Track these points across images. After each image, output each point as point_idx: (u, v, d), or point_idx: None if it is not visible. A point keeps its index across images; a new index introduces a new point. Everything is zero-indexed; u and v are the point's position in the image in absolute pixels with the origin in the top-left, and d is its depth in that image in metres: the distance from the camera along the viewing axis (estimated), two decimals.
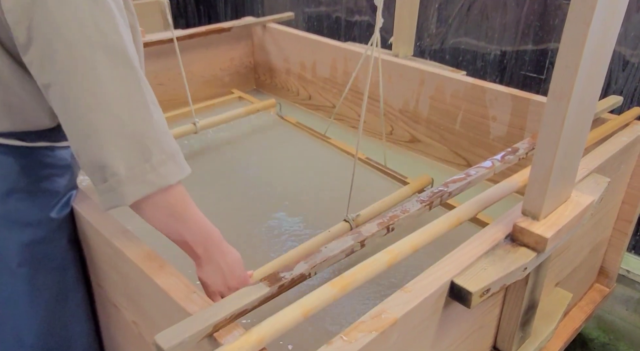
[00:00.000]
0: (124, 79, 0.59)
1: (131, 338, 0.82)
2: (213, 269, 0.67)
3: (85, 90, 0.57)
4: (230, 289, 0.68)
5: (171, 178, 0.62)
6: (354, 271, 0.63)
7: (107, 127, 0.58)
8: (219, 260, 0.66)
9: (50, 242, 0.79)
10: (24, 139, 0.73)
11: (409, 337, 0.61)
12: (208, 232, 0.66)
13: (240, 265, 0.69)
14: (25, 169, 0.75)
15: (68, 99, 0.58)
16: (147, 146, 0.60)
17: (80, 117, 0.58)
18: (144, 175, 0.60)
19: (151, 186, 0.60)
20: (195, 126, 1.34)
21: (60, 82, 0.58)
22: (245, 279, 0.70)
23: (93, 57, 0.57)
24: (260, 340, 0.53)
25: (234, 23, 1.69)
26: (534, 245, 0.68)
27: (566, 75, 0.60)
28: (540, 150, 0.66)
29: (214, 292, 0.68)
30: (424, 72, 1.32)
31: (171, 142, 0.63)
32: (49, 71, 0.58)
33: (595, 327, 1.46)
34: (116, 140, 0.58)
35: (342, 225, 0.99)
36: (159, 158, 0.61)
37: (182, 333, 0.53)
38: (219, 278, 0.67)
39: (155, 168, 0.60)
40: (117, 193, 0.60)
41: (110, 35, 0.58)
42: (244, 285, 0.66)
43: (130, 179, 0.59)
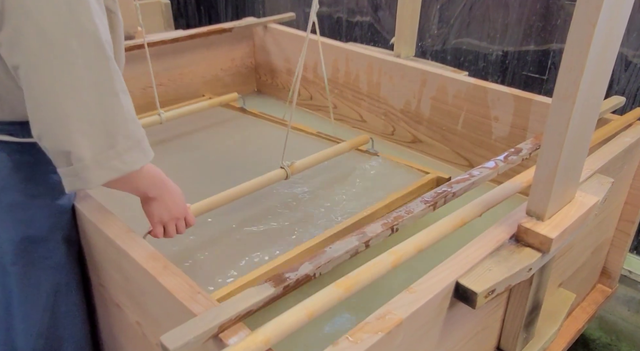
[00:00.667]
0: (95, 66, 0.60)
1: (134, 338, 0.82)
2: (161, 205, 0.74)
3: (55, 75, 0.58)
4: (173, 218, 0.77)
5: (135, 164, 0.64)
6: (359, 272, 0.63)
7: (74, 113, 0.59)
8: (166, 198, 0.74)
9: (45, 240, 0.79)
10: (15, 134, 0.73)
11: (414, 338, 0.61)
12: (159, 180, 0.73)
13: (182, 199, 0.78)
14: (18, 165, 0.74)
15: (36, 83, 0.58)
16: (113, 133, 0.61)
17: (48, 101, 0.58)
18: (108, 161, 0.61)
19: (116, 172, 0.63)
20: (160, 117, 1.37)
21: (29, 64, 0.58)
22: (185, 208, 0.79)
23: (65, 42, 0.57)
24: (266, 340, 0.53)
25: (235, 23, 1.69)
26: (538, 246, 0.68)
27: (571, 75, 0.60)
28: (545, 150, 0.66)
29: (157, 222, 0.76)
30: (426, 73, 1.32)
31: (138, 129, 0.65)
32: (17, 53, 0.58)
33: (597, 328, 1.46)
34: (83, 126, 0.59)
35: (277, 171, 1.06)
36: (125, 145, 0.62)
37: (188, 334, 0.53)
38: (165, 211, 0.75)
39: (120, 155, 0.62)
40: (80, 178, 0.61)
41: (84, 23, 0.58)
42: (185, 214, 0.78)
43: (95, 165, 0.61)
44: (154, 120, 1.35)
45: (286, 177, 1.08)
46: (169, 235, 0.79)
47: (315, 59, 1.60)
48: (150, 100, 1.39)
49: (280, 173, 1.06)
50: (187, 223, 0.81)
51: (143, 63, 1.25)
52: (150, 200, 0.74)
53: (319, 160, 1.15)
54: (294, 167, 1.08)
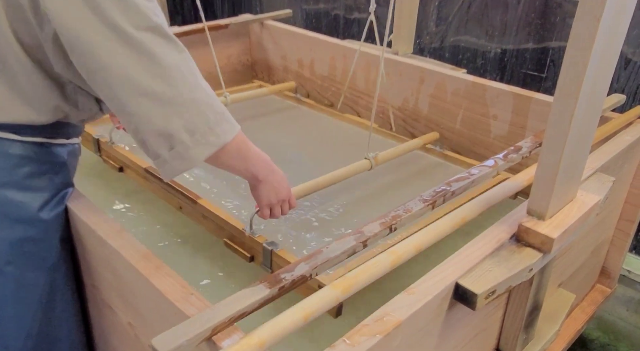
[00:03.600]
0: (171, 53, 0.63)
1: (127, 340, 0.81)
2: (268, 188, 0.78)
3: (141, 69, 0.61)
4: (279, 200, 0.80)
5: (228, 136, 0.67)
6: (357, 273, 0.61)
7: (168, 99, 0.62)
8: (272, 180, 0.77)
9: (41, 241, 0.78)
10: (19, 133, 0.73)
11: (413, 340, 0.60)
12: (264, 160, 0.76)
13: (286, 181, 0.81)
14: (19, 164, 0.74)
15: (122, 80, 0.61)
16: (203, 111, 0.64)
17: (143, 94, 0.61)
18: (205, 138, 0.64)
19: (213, 146, 0.65)
20: (226, 99, 1.41)
21: (108, 65, 0.60)
22: (289, 190, 0.82)
23: (141, 35, 0.60)
24: (261, 343, 0.52)
25: (231, 20, 1.67)
26: (539, 246, 0.67)
27: (574, 72, 0.59)
28: (547, 148, 0.65)
29: (265, 204, 0.80)
30: (424, 70, 1.31)
31: (219, 103, 0.68)
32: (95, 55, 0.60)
33: (595, 328, 1.45)
34: (178, 110, 0.63)
35: (362, 162, 1.11)
36: (214, 119, 0.65)
37: (180, 337, 0.52)
38: (272, 193, 0.78)
39: (213, 129, 0.65)
40: (185, 158, 0.64)
41: (151, 16, 0.62)
42: (289, 195, 0.82)
43: (195, 143, 0.64)
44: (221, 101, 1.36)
45: (370, 168, 1.12)
46: (274, 216, 0.82)
47: (312, 56, 1.59)
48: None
49: (365, 164, 1.11)
50: (290, 205, 0.84)
51: None
52: (259, 183, 0.76)
53: (397, 153, 1.20)
54: (378, 158, 1.13)
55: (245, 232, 0.88)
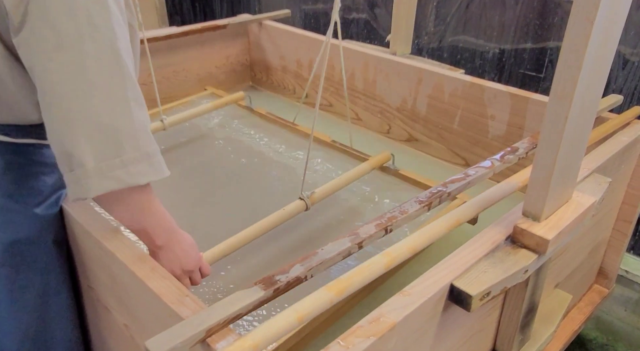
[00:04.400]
0: (108, 72, 0.59)
1: (122, 341, 0.81)
2: (171, 256, 0.70)
3: (66, 78, 0.57)
4: (185, 272, 0.72)
5: (141, 178, 0.61)
6: (351, 275, 0.61)
7: (81, 117, 0.58)
8: (175, 248, 0.70)
9: (35, 242, 0.77)
10: (10, 134, 0.72)
11: (408, 342, 0.60)
12: (168, 224, 0.69)
13: (194, 249, 0.73)
14: (10, 166, 0.73)
15: (48, 84, 0.58)
16: (120, 142, 0.59)
17: (56, 102, 0.58)
18: (112, 171, 0.59)
19: (118, 182, 0.60)
20: (163, 123, 1.31)
21: (43, 66, 0.58)
22: (198, 260, 0.75)
23: (80, 46, 0.57)
24: (255, 345, 0.52)
25: (229, 20, 1.67)
26: (534, 247, 0.67)
27: (569, 73, 0.59)
28: (542, 149, 0.65)
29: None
30: (422, 71, 1.31)
31: (149, 142, 0.62)
32: (33, 54, 0.59)
33: (593, 328, 1.45)
34: (88, 131, 0.58)
35: (297, 202, 0.99)
36: (132, 155, 0.60)
37: (174, 339, 0.52)
38: (176, 263, 0.71)
39: (125, 165, 0.60)
40: (81, 185, 0.59)
41: (102, 29, 0.58)
42: (198, 265, 0.74)
43: (96, 172, 0.59)
44: (156, 127, 1.29)
45: (306, 209, 1.00)
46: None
47: (310, 56, 1.59)
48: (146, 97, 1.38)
49: (300, 205, 0.99)
50: (203, 273, 0.77)
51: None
52: (158, 249, 0.69)
53: (339, 185, 1.08)
54: (314, 197, 1.01)
55: None
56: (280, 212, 0.97)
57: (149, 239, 0.68)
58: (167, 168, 0.65)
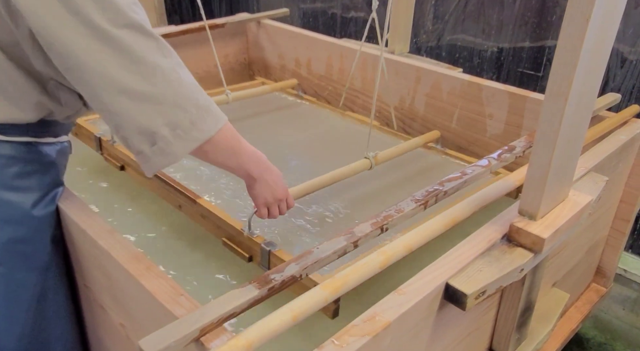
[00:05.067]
0: (150, 49, 0.62)
1: (119, 340, 0.81)
2: (264, 186, 0.77)
3: (119, 66, 0.60)
4: (276, 200, 0.80)
5: (211, 130, 0.66)
6: (346, 273, 0.61)
7: (148, 97, 0.61)
8: (267, 178, 0.77)
9: (32, 241, 0.77)
10: (6, 133, 0.72)
11: (403, 340, 0.59)
12: (258, 157, 0.75)
13: (282, 180, 0.80)
14: (7, 164, 0.73)
15: (99, 77, 0.60)
16: (185, 107, 0.63)
17: (121, 91, 0.60)
18: (187, 133, 0.64)
19: (196, 141, 0.65)
20: (228, 97, 1.40)
21: (86, 63, 0.59)
22: (286, 190, 0.81)
23: (118, 35, 0.59)
24: (248, 344, 0.52)
25: (228, 19, 1.67)
26: (530, 246, 0.67)
27: (564, 71, 0.58)
28: (538, 148, 0.65)
29: (262, 204, 0.79)
30: (420, 69, 1.31)
31: (203, 96, 0.67)
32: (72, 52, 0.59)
33: (591, 327, 1.45)
34: (158, 106, 0.62)
35: (362, 161, 1.09)
36: (197, 114, 0.64)
37: (168, 338, 0.52)
38: (269, 192, 0.78)
39: (195, 125, 0.64)
40: (167, 153, 0.64)
41: (129, 13, 0.61)
42: (287, 194, 0.81)
43: (177, 139, 0.63)
44: (222, 99, 1.37)
45: (370, 167, 1.11)
46: (272, 216, 0.82)
47: (308, 55, 1.59)
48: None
49: (365, 163, 1.10)
50: (288, 204, 0.83)
51: None
52: (254, 181, 0.76)
53: (398, 152, 1.19)
54: (378, 158, 1.11)
55: (243, 231, 0.88)
56: (348, 166, 1.07)
57: (246, 173, 0.74)
58: (222, 113, 0.69)
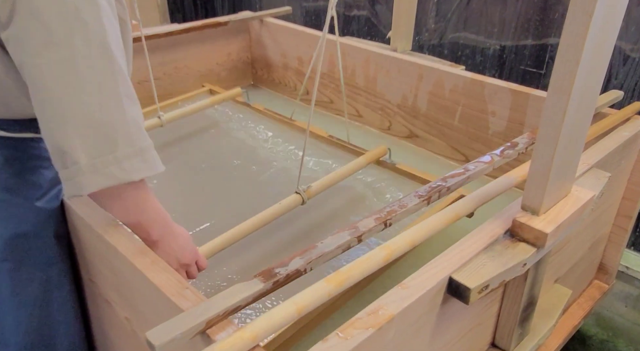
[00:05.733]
0: (99, 68, 0.58)
1: (124, 334, 0.81)
2: (167, 250, 0.70)
3: (56, 75, 0.57)
4: (182, 265, 0.73)
5: (135, 174, 0.61)
6: (350, 267, 0.61)
7: (72, 114, 0.57)
8: (171, 242, 0.71)
9: (36, 236, 0.78)
10: (8, 129, 0.72)
11: (406, 334, 0.60)
12: (163, 219, 0.69)
13: (189, 243, 0.74)
14: (9, 160, 0.74)
15: (39, 81, 0.57)
16: (113, 138, 0.59)
17: (47, 99, 0.58)
18: (105, 167, 0.59)
19: (112, 179, 0.59)
20: (161, 119, 1.30)
21: (33, 62, 0.57)
22: (195, 252, 0.75)
23: (69, 42, 0.57)
24: (254, 337, 0.52)
25: (230, 17, 1.68)
26: (533, 241, 0.67)
27: (567, 68, 0.59)
28: (540, 144, 0.65)
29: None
30: (423, 67, 1.31)
31: (142, 137, 0.62)
32: (22, 51, 0.58)
33: (593, 324, 1.45)
34: (80, 128, 0.58)
35: (293, 197, 1.00)
36: (125, 151, 0.60)
37: (174, 330, 0.52)
38: (172, 257, 0.71)
39: (119, 162, 0.59)
40: (75, 182, 0.59)
41: (91, 24, 0.58)
42: (195, 259, 0.75)
43: (90, 169, 0.58)
44: (154, 123, 1.29)
45: (302, 203, 1.01)
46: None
47: (311, 53, 1.59)
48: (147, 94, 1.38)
49: (296, 199, 1.00)
50: (199, 267, 0.77)
51: (136, 57, 1.23)
52: (154, 244, 0.70)
53: (335, 180, 1.08)
54: (310, 191, 1.02)
55: None
56: (276, 206, 0.97)
57: (145, 233, 0.68)
58: (161, 164, 0.65)
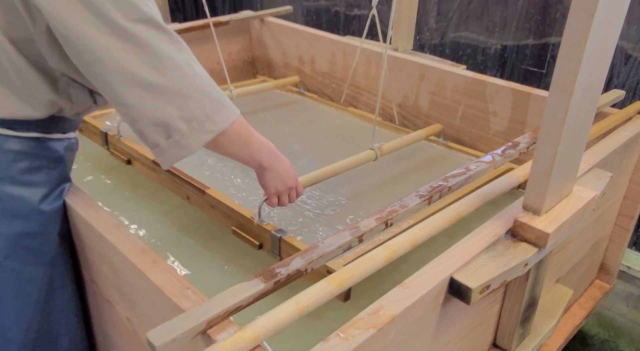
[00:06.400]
0: (164, 43, 0.64)
1: (125, 334, 0.81)
2: (274, 175, 0.79)
3: (134, 63, 0.61)
4: (286, 188, 0.81)
5: (225, 123, 0.68)
6: (352, 267, 0.61)
7: (163, 90, 0.63)
8: (278, 168, 0.78)
9: (40, 235, 0.78)
10: (15, 129, 0.73)
11: (408, 334, 0.60)
12: (269, 147, 0.77)
13: (292, 169, 0.82)
14: (16, 160, 0.74)
15: (117, 72, 0.61)
16: (199, 99, 0.65)
17: (137, 85, 0.62)
18: (202, 126, 0.66)
19: (211, 133, 0.67)
20: (231, 93, 1.41)
21: (103, 58, 0.61)
22: (296, 178, 0.83)
23: (134, 30, 0.61)
24: (255, 337, 0.52)
25: (231, 17, 1.67)
26: (535, 241, 0.67)
27: (569, 67, 0.59)
28: (542, 144, 0.65)
29: (273, 193, 0.81)
30: (424, 66, 1.31)
31: (217, 89, 0.68)
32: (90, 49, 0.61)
33: (595, 324, 1.45)
34: (174, 100, 0.64)
35: (368, 152, 1.10)
36: (211, 107, 0.66)
37: (175, 330, 0.52)
38: (279, 181, 0.79)
39: (210, 117, 0.66)
40: (183, 146, 0.66)
41: (141, 6, 0.62)
42: (296, 183, 0.83)
43: (192, 131, 0.65)
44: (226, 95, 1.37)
45: (375, 158, 1.12)
46: (282, 204, 0.83)
47: (312, 52, 1.59)
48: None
49: (370, 154, 1.11)
50: (298, 192, 0.85)
51: None
52: (265, 171, 0.77)
53: (402, 144, 1.20)
54: (383, 149, 1.12)
55: (253, 220, 0.88)
56: (354, 157, 1.08)
57: (257, 163, 0.76)
58: (235, 106, 0.71)
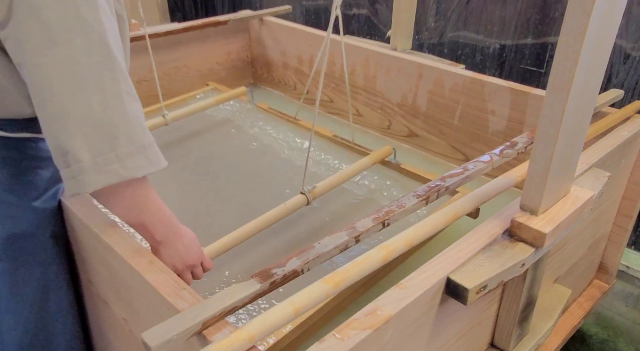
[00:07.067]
0: (99, 66, 0.58)
1: (122, 335, 0.81)
2: (171, 251, 0.70)
3: (57, 74, 0.57)
4: (187, 266, 0.72)
5: (137, 171, 0.61)
6: (348, 268, 0.61)
7: (74, 112, 0.57)
8: (176, 243, 0.69)
9: (33, 236, 0.78)
10: (5, 129, 0.72)
11: (404, 335, 0.60)
12: (167, 219, 0.68)
13: (195, 243, 0.73)
14: (6, 160, 0.74)
15: (39, 80, 0.57)
16: (114, 135, 0.59)
17: (49, 98, 0.57)
18: (108, 165, 0.59)
19: (114, 177, 0.59)
20: (165, 118, 1.30)
21: (33, 62, 0.57)
22: (200, 253, 0.74)
23: (69, 41, 0.57)
24: (250, 337, 0.52)
25: (230, 16, 1.67)
26: (532, 241, 0.67)
27: (566, 66, 0.58)
28: (539, 143, 0.65)
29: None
30: (422, 66, 1.31)
31: (144, 134, 0.62)
32: (21, 50, 0.58)
33: (594, 323, 1.45)
34: (82, 126, 0.58)
35: (298, 197, 1.00)
36: (127, 149, 0.60)
37: (171, 331, 0.52)
38: (177, 258, 0.70)
39: (121, 159, 0.59)
40: (78, 180, 0.59)
41: (90, 21, 0.58)
42: (201, 258, 0.73)
43: (93, 168, 0.58)
44: (158, 122, 1.29)
45: (307, 203, 1.01)
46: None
47: (311, 52, 1.59)
48: (146, 94, 1.38)
49: (301, 200, 1.00)
50: (204, 268, 0.76)
51: (136, 56, 1.23)
52: (158, 245, 0.69)
53: (340, 180, 1.08)
54: (315, 192, 1.01)
55: None
56: (281, 206, 0.97)
57: (149, 234, 0.68)
58: (164, 159, 0.64)
